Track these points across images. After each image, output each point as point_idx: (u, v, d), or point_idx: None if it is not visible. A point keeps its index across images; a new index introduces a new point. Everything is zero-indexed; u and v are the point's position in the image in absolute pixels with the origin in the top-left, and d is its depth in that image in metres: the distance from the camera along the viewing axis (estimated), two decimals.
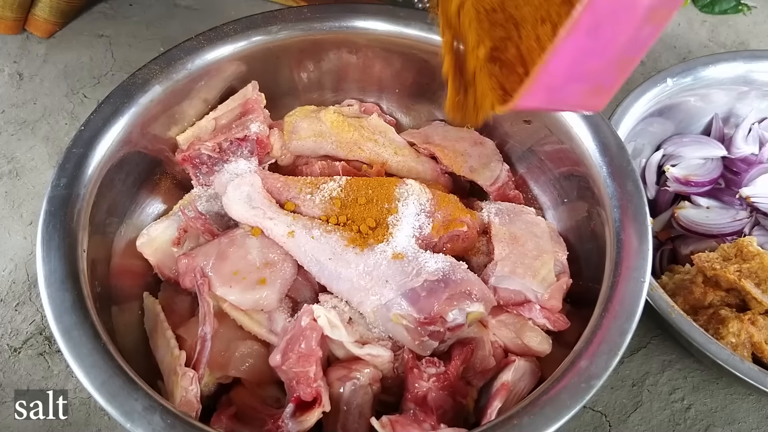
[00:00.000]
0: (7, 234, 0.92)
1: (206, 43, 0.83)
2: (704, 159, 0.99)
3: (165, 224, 0.81)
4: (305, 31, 0.86)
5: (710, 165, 0.98)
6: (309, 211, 0.78)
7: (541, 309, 0.75)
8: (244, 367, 0.73)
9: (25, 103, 1.03)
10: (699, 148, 0.99)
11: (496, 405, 0.70)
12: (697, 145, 1.00)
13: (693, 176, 0.97)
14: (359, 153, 0.86)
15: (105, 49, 1.09)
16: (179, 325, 0.76)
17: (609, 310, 0.67)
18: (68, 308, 0.65)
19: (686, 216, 0.94)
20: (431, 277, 0.70)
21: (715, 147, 0.99)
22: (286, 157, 0.87)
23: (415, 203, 0.77)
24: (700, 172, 0.97)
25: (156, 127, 0.83)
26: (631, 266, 0.70)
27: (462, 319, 0.70)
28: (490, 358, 0.75)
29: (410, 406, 0.70)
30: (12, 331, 0.85)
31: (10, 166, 0.97)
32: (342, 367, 0.71)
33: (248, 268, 0.74)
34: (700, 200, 0.97)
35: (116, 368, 0.63)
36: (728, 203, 0.96)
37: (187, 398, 0.68)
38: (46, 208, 0.71)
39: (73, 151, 0.74)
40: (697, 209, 0.96)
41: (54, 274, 0.67)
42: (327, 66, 0.91)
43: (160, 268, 0.80)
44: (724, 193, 0.97)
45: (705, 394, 0.84)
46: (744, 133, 1.00)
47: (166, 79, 0.81)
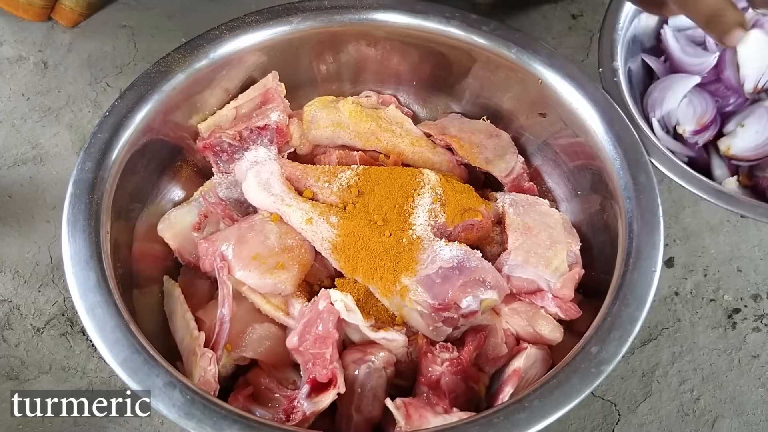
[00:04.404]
0: (31, 217, 0.94)
1: (228, 33, 0.85)
2: (687, 95, 0.92)
3: (186, 209, 0.83)
4: (325, 23, 0.87)
5: (699, 98, 0.92)
6: (326, 199, 0.79)
7: (554, 298, 0.77)
8: (262, 349, 0.75)
9: (50, 90, 1.05)
10: (674, 89, 0.92)
11: (507, 391, 0.71)
12: (670, 88, 0.93)
13: (699, 121, 0.91)
14: (376, 143, 0.87)
15: (128, 40, 1.11)
16: (198, 307, 0.78)
17: (620, 297, 0.68)
18: (92, 287, 0.67)
19: (737, 148, 0.88)
20: (446, 264, 0.72)
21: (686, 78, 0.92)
22: (304, 146, 0.89)
23: (431, 193, 0.78)
24: (698, 110, 0.92)
25: (178, 114, 0.84)
26: (642, 256, 0.71)
27: (476, 305, 0.71)
28: (503, 345, 0.76)
29: (423, 389, 0.71)
30: (35, 311, 0.87)
31: (35, 152, 0.99)
32: (357, 350, 0.73)
33: (267, 252, 0.75)
34: (729, 126, 0.90)
35: (138, 345, 0.64)
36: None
37: (205, 378, 0.70)
38: (72, 191, 0.72)
39: (98, 135, 0.76)
40: (735, 135, 0.90)
41: (78, 254, 0.69)
42: (346, 58, 0.93)
43: (181, 252, 0.81)
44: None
45: (714, 385, 0.85)
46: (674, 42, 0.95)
47: (189, 67, 0.82)
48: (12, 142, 1.00)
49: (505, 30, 0.85)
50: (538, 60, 0.84)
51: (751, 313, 0.90)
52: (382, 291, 0.73)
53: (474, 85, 0.92)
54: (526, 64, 0.84)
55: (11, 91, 1.05)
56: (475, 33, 0.85)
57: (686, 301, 0.91)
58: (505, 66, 0.86)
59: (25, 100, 1.04)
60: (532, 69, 0.84)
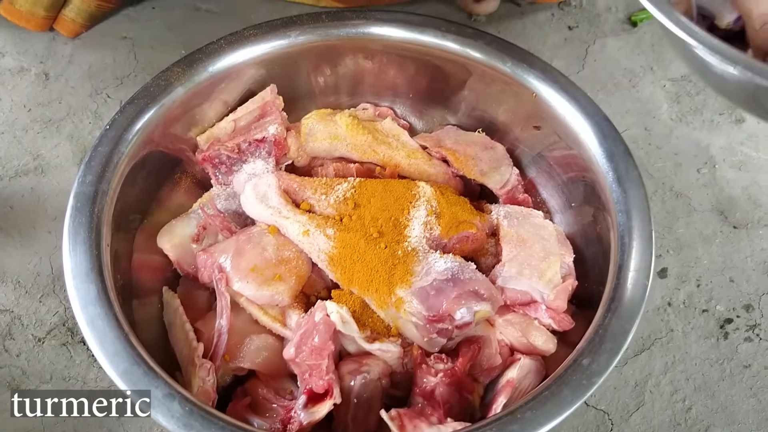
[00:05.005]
0: (33, 228, 0.95)
1: (227, 47, 0.86)
2: None
3: (185, 221, 0.84)
4: (323, 37, 0.88)
5: None
6: (323, 211, 0.80)
7: (547, 309, 0.78)
8: (259, 360, 0.76)
9: (51, 102, 1.07)
10: None
11: (501, 401, 0.72)
12: None
13: None
14: (373, 155, 0.88)
15: (128, 51, 1.12)
16: (197, 318, 0.79)
17: (612, 310, 0.70)
18: (93, 299, 0.69)
19: None
20: (440, 276, 0.73)
21: None
22: (302, 158, 0.90)
23: (426, 205, 0.80)
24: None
25: (177, 127, 0.86)
26: (634, 268, 0.72)
27: (469, 317, 0.73)
28: (497, 356, 0.77)
29: (418, 400, 0.73)
30: (36, 321, 0.89)
31: (36, 163, 1.01)
32: (353, 361, 0.74)
33: (264, 264, 0.76)
34: None
35: (137, 357, 0.66)
36: None
37: (204, 388, 0.71)
38: (73, 204, 0.74)
39: (98, 149, 0.77)
40: None
41: (79, 267, 0.70)
42: (343, 71, 0.94)
43: (180, 264, 0.83)
44: None
45: (706, 395, 0.86)
46: None
47: (188, 81, 0.83)
48: (14, 153, 1.01)
49: (500, 44, 0.86)
50: (533, 74, 0.85)
51: (743, 323, 0.91)
52: (377, 303, 0.74)
53: (470, 98, 0.93)
54: (520, 78, 0.85)
55: (13, 102, 1.06)
56: (471, 47, 0.86)
57: (679, 311, 0.92)
58: (500, 79, 0.87)
59: (26, 111, 1.05)
60: (527, 83, 0.85)
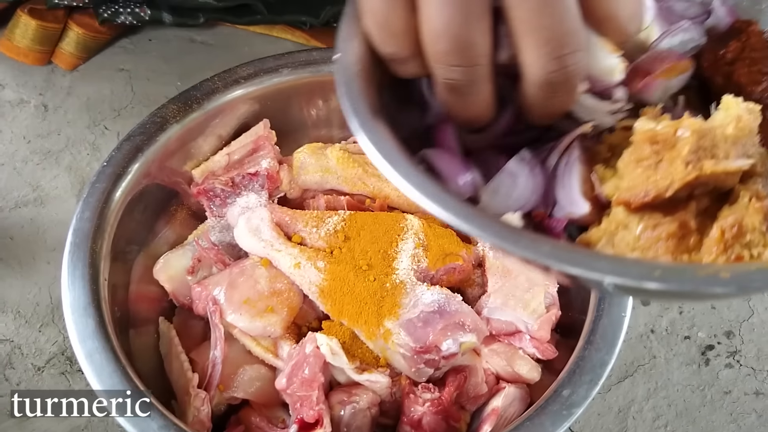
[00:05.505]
0: (32, 259, 0.98)
1: (221, 84, 0.89)
2: None
3: (180, 253, 0.87)
4: (313, 73, 0.92)
5: None
6: (314, 244, 0.83)
7: (531, 339, 0.80)
8: (252, 390, 0.78)
9: (50, 133, 1.09)
10: None
11: (486, 429, 0.75)
12: None
13: None
14: (363, 188, 0.91)
15: (125, 83, 1.15)
16: (192, 348, 0.81)
17: (591, 342, 0.72)
18: (91, 333, 0.71)
19: None
20: (427, 308, 0.75)
21: None
22: (294, 191, 0.93)
23: (414, 238, 0.82)
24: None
25: (173, 161, 0.88)
26: (613, 302, 0.75)
27: (455, 348, 0.75)
28: (483, 385, 0.80)
29: (406, 429, 0.75)
30: (36, 351, 0.91)
31: (35, 194, 1.03)
32: (343, 391, 0.76)
33: (257, 296, 0.79)
34: None
35: (134, 390, 0.68)
36: None
37: (199, 417, 0.73)
38: (71, 240, 0.76)
39: (96, 185, 0.80)
40: None
41: (77, 301, 0.73)
42: (334, 104, 0.97)
43: (175, 295, 0.85)
44: None
45: (687, 421, 0.89)
46: None
47: (184, 118, 0.87)
48: (13, 185, 1.04)
49: None
50: None
51: (723, 349, 0.94)
52: (366, 334, 0.77)
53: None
54: None
55: (13, 134, 1.09)
56: None
57: (662, 338, 0.95)
58: None
59: (26, 143, 1.08)
60: None
